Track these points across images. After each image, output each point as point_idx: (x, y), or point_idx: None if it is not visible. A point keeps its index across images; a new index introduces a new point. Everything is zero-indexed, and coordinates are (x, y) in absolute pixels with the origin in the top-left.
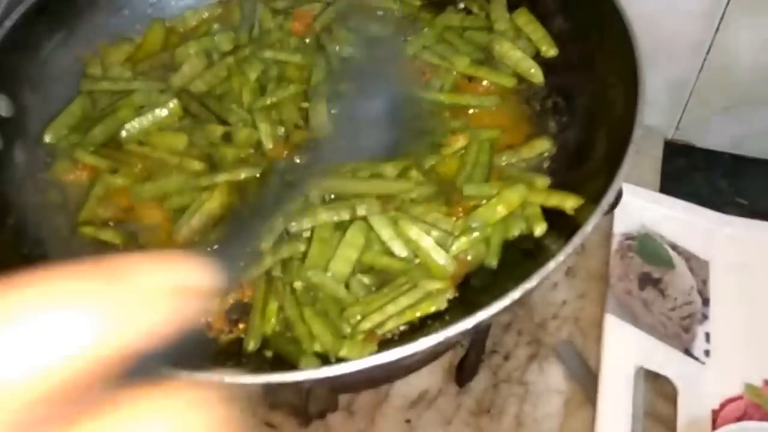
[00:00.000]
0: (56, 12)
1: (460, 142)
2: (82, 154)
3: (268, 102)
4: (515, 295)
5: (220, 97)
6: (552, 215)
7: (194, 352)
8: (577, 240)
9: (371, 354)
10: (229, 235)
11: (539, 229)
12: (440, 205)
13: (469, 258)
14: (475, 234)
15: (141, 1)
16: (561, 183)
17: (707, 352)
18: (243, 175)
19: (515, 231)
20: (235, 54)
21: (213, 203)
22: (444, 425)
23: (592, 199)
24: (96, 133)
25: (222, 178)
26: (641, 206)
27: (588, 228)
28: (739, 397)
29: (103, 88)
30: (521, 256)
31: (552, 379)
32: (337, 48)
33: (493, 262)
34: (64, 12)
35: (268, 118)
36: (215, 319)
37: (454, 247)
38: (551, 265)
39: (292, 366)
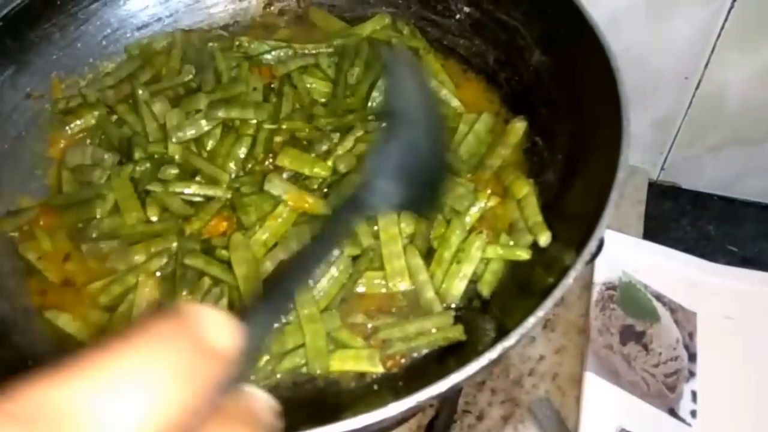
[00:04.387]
0: (7, 47)
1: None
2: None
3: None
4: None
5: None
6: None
7: None
8: (557, 293)
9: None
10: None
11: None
12: None
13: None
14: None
15: (94, 34)
16: None
17: (694, 413)
18: None
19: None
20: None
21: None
22: None
23: (572, 247)
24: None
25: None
26: (623, 254)
27: (569, 280)
28: None
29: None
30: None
31: None
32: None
33: (485, 290)
34: (16, 47)
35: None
36: None
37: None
38: (531, 320)
39: None
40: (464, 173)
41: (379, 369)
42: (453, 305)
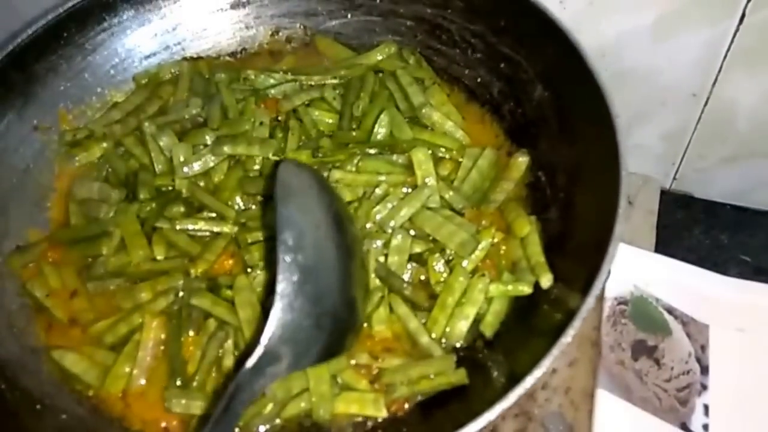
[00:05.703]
0: (14, 81)
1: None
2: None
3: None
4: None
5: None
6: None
7: None
8: (554, 351)
9: None
10: None
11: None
12: None
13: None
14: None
15: (102, 64)
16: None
17: (706, 427)
18: None
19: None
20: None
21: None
22: None
23: (577, 290)
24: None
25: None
26: (635, 267)
27: (570, 334)
28: None
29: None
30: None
31: None
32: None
33: (487, 331)
34: (23, 80)
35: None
36: None
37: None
38: (537, 372)
39: None
40: (467, 209)
41: (384, 413)
42: (457, 344)
